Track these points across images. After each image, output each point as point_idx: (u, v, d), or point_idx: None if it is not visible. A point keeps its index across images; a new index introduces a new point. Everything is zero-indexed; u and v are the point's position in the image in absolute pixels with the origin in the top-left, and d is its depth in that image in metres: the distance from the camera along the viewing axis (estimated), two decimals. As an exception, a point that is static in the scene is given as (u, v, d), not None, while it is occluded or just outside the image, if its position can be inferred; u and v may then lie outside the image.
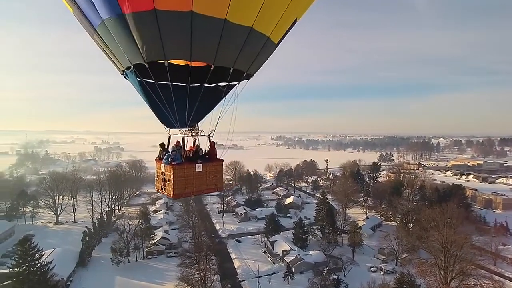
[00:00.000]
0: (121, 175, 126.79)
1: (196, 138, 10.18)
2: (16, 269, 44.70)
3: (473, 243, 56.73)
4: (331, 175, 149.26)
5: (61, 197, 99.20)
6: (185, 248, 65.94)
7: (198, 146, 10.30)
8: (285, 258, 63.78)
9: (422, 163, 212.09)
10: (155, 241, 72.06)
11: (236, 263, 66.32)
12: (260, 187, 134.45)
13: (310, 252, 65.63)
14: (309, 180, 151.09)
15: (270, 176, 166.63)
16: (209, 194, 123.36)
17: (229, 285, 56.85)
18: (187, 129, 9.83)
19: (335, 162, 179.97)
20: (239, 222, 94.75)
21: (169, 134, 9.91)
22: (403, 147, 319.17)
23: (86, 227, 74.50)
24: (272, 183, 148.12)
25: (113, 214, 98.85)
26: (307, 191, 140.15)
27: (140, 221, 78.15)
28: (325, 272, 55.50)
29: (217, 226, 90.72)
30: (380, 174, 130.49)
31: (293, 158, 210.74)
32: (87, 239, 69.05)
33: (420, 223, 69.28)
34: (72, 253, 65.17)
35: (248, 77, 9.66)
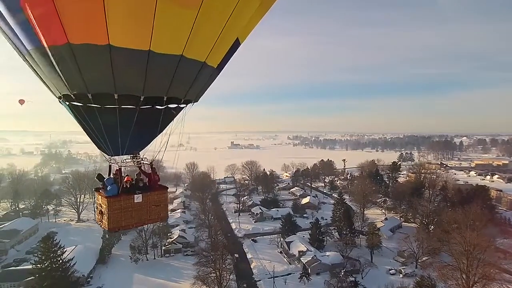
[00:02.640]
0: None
1: (143, 166, 9.61)
2: (39, 265, 46.38)
3: (497, 246, 54.42)
4: (349, 175, 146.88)
5: (82, 195, 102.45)
6: (201, 247, 66.47)
7: (138, 174, 9.68)
8: (301, 258, 63.26)
9: (444, 162, 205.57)
10: (173, 239, 73.14)
11: (252, 263, 66.34)
12: (276, 187, 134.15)
13: (327, 253, 64.79)
14: (326, 180, 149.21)
15: (286, 176, 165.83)
16: (225, 194, 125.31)
17: (244, 285, 57.09)
18: (128, 158, 9.28)
19: (352, 162, 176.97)
20: (255, 222, 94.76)
21: (110, 162, 9.25)
22: (424, 146, 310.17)
23: (106, 225, 76.20)
24: (288, 183, 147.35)
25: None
26: (324, 191, 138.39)
27: (158, 219, 79.21)
28: (342, 273, 54.65)
29: (233, 226, 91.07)
30: (399, 174, 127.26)
31: (310, 157, 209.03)
32: (107, 236, 71.01)
33: (441, 225, 66.98)
34: (92, 251, 67.10)
35: (188, 102, 9.24)
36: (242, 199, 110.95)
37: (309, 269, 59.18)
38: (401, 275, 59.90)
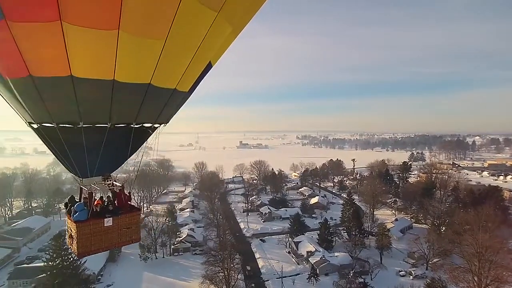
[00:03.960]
0: (149, 173, 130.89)
1: (115, 189, 9.40)
2: (50, 263, 47.35)
3: (510, 248, 53.13)
4: (358, 175, 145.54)
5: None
6: (210, 247, 66.78)
7: (109, 197, 9.41)
8: (309, 259, 62.96)
9: (456, 162, 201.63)
10: (181, 238, 73.63)
11: (260, 263, 66.32)
12: (285, 187, 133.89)
13: (336, 254, 64.36)
14: (335, 180, 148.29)
15: (295, 175, 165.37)
16: (233, 193, 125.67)
17: (252, 285, 57.06)
18: (100, 180, 9.13)
19: (362, 162, 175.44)
20: (263, 221, 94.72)
21: (81, 185, 9.06)
22: (436, 146, 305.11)
23: (116, 223, 77.30)
24: (297, 183, 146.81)
25: (142, 212, 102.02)
26: (333, 191, 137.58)
27: (167, 218, 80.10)
28: (351, 274, 54.15)
29: (242, 225, 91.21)
30: (410, 174, 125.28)
31: (319, 157, 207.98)
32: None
33: (453, 227, 65.88)
34: (103, 249, 67.90)
35: (157, 127, 9.27)
36: (251, 198, 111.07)
37: (317, 270, 58.88)
38: (411, 276, 59.05)
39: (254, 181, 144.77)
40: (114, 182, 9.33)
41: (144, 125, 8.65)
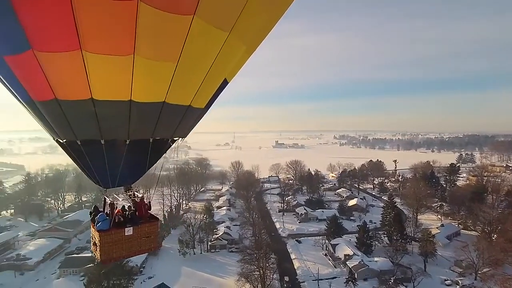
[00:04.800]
0: (188, 172, 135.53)
1: (135, 199, 9.88)
2: (98, 253, 50.63)
3: None
4: (400, 177, 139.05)
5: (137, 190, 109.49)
6: (245, 245, 67.52)
7: (130, 207, 9.90)
8: (347, 262, 61.25)
9: (510, 165, 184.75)
10: (218, 235, 75.29)
11: (296, 264, 65.76)
12: (322, 188, 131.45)
13: (375, 259, 61.95)
14: (375, 182, 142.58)
15: (332, 176, 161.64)
16: (269, 193, 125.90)
17: (289, 285, 56.74)
18: (122, 191, 9.76)
19: (405, 163, 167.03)
20: (299, 222, 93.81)
21: (104, 195, 9.69)
22: (487, 147, 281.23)
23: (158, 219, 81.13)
24: (334, 184, 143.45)
25: (181, 208, 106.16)
26: (373, 193, 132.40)
27: (205, 216, 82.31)
28: (392, 281, 51.88)
29: (277, 225, 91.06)
30: (458, 177, 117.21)
31: (358, 157, 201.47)
32: (158, 230, 75.17)
33: (506, 234, 60.62)
34: (145, 242, 71.51)
35: (175, 141, 9.70)
36: (286, 198, 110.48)
37: (355, 274, 57.06)
38: (458, 286, 55.19)
39: (290, 181, 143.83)
40: (135, 193, 9.93)
41: (161, 139, 9.13)
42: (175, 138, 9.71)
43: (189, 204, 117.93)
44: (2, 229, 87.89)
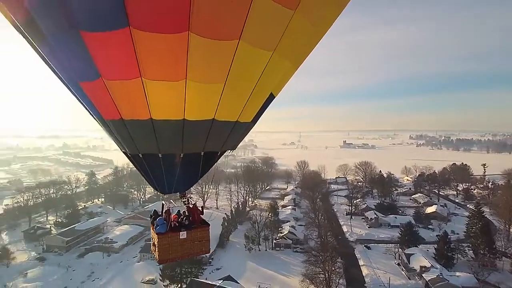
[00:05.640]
0: (254, 170, 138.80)
1: (189, 204, 10.86)
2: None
3: None
4: (490, 183, 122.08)
5: (207, 185, 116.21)
6: (310, 246, 66.44)
7: (184, 212, 10.82)
8: (423, 275, 55.77)
9: None
10: (283, 234, 75.48)
11: (364, 271, 62.26)
12: (395, 191, 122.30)
13: (457, 274, 55.14)
14: (459, 188, 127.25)
15: (407, 180, 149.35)
16: (336, 194, 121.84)
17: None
18: (177, 197, 10.85)
19: (495, 167, 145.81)
20: (368, 227, 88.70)
21: (162, 201, 11.08)
22: None
23: (226, 213, 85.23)
24: (410, 188, 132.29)
25: (247, 205, 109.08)
26: (456, 200, 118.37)
27: (270, 214, 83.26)
28: (479, 301, 45.62)
29: (344, 229, 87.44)
30: None
31: (438, 160, 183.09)
32: (226, 224, 78.77)
33: None
34: (213, 235, 74.64)
35: (224, 153, 10.62)
36: (355, 201, 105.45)
37: (433, 288, 51.66)
38: None
39: (359, 183, 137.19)
40: (188, 199, 11.01)
41: (211, 152, 10.08)
42: (224, 151, 10.66)
43: (255, 201, 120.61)
44: (94, 214, 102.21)
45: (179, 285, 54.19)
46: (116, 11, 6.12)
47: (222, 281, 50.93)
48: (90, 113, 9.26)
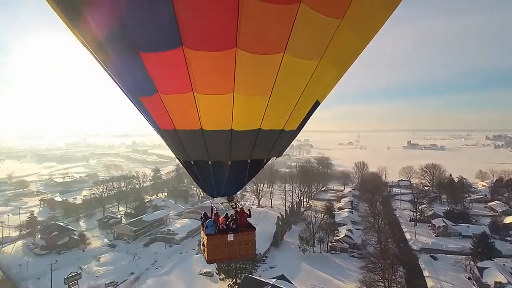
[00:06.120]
0: (309, 170, 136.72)
1: (237, 208, 11.52)
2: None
3: None
4: None
5: (261, 184, 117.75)
6: (369, 252, 63.25)
7: (232, 215, 11.45)
8: (500, 293, 49.48)
9: None
10: (339, 237, 73.11)
11: (429, 283, 57.23)
12: (467, 198, 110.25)
13: (545, 296, 47.84)
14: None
15: (482, 185, 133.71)
16: (398, 199, 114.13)
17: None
18: (225, 201, 11.63)
19: None
20: (436, 236, 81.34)
21: (212, 204, 11.76)
22: None
23: (280, 213, 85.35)
24: (485, 195, 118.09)
25: (302, 205, 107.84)
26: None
27: (325, 215, 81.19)
28: None
29: (407, 236, 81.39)
30: None
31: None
32: (280, 223, 78.82)
33: None
34: (267, 234, 75.98)
35: (269, 159, 11.13)
36: (420, 207, 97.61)
37: (514, 310, 45.45)
38: None
39: (425, 188, 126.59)
40: (236, 203, 11.68)
41: (257, 160, 10.66)
42: (270, 157, 11.29)
43: (309, 202, 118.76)
44: (158, 207, 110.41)
45: (234, 280, 55.74)
46: (171, 33, 6.72)
47: (275, 279, 50.95)
48: (149, 123, 10.28)
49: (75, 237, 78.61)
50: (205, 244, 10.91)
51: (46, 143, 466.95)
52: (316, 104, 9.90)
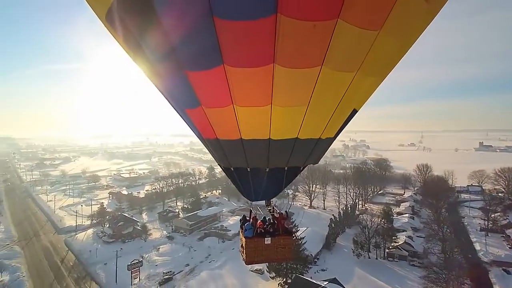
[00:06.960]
0: (365, 172, 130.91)
1: (275, 213, 11.81)
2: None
3: None
4: None
5: (314, 185, 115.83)
6: (431, 261, 58.60)
7: (269, 219, 11.79)
8: None
9: None
10: (398, 244, 68.96)
11: (503, 300, 51.10)
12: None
13: None
14: None
15: None
16: (467, 205, 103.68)
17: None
18: (264, 205, 12.02)
19: None
20: (510, 247, 72.28)
21: (250, 208, 12.13)
22: None
23: (333, 215, 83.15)
24: None
25: (356, 208, 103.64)
26: None
27: (382, 220, 76.97)
28: None
29: (477, 247, 73.48)
30: None
31: None
32: (333, 226, 76.84)
33: None
34: (319, 235, 74.62)
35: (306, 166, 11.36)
36: (493, 215, 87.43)
37: None
38: None
39: (499, 194, 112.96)
40: (274, 207, 12.01)
41: (294, 167, 10.91)
42: (307, 165, 11.54)
43: (365, 205, 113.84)
44: (212, 204, 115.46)
45: (284, 279, 55.74)
46: (213, 54, 7.22)
47: (327, 282, 49.64)
48: (193, 132, 11.20)
49: (138, 228, 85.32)
50: (244, 246, 11.39)
51: (115, 141, 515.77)
52: (354, 112, 10.05)
